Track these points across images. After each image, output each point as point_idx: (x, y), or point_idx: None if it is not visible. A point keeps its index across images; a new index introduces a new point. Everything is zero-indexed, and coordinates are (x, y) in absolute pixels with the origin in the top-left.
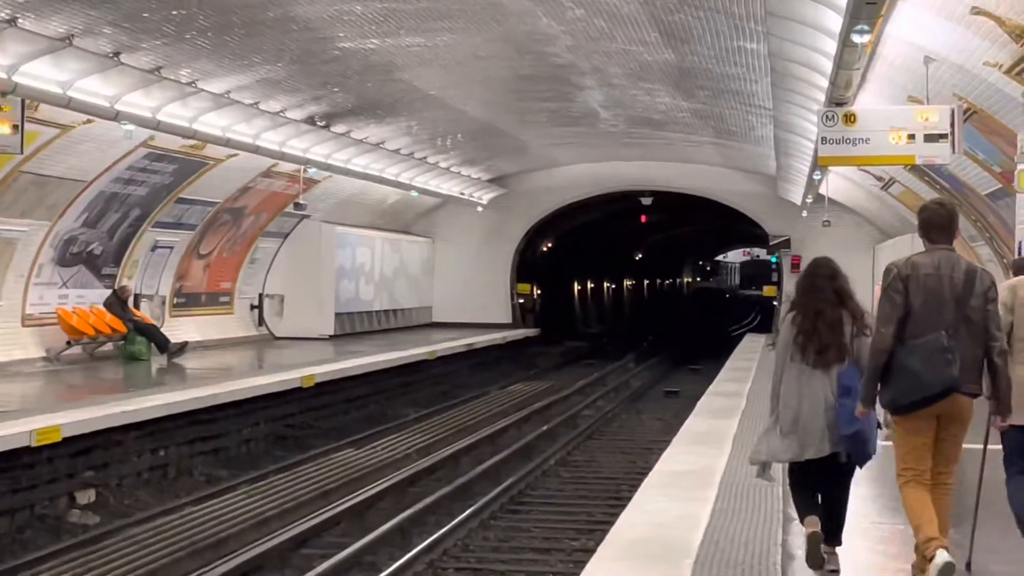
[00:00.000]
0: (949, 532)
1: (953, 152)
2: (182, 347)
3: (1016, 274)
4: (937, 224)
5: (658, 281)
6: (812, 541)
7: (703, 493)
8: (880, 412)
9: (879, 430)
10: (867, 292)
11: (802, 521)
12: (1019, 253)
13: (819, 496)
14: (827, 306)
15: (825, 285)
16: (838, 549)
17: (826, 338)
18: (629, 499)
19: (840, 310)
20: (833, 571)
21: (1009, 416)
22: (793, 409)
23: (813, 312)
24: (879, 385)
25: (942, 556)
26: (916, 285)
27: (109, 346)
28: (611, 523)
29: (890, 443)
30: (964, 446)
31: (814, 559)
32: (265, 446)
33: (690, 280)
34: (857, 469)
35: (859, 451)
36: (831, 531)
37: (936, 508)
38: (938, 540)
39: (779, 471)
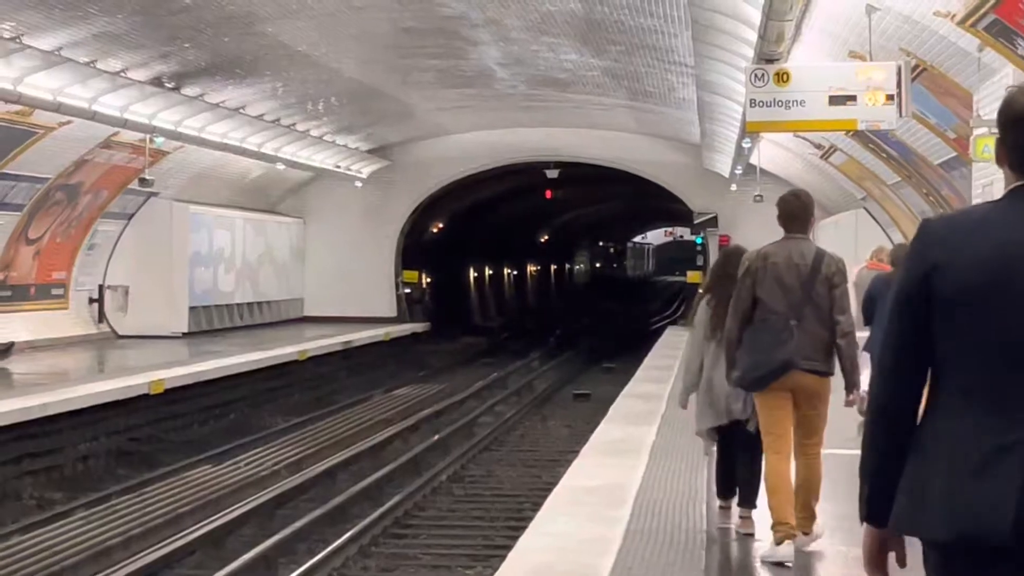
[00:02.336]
0: (819, 502)
1: (900, 115)
2: (7, 348)
3: (893, 265)
4: (792, 214)
5: (567, 267)
6: (724, 524)
7: (615, 512)
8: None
9: None
10: None
11: (718, 496)
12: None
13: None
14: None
15: (736, 272)
16: (753, 513)
17: None
18: (531, 519)
19: None
20: (748, 534)
21: (856, 391)
22: (707, 382)
23: (726, 297)
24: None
25: (786, 550)
26: (764, 274)
27: None
28: (510, 547)
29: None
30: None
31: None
32: (106, 463)
33: (584, 267)
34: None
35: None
36: (747, 496)
37: (807, 476)
38: (787, 527)
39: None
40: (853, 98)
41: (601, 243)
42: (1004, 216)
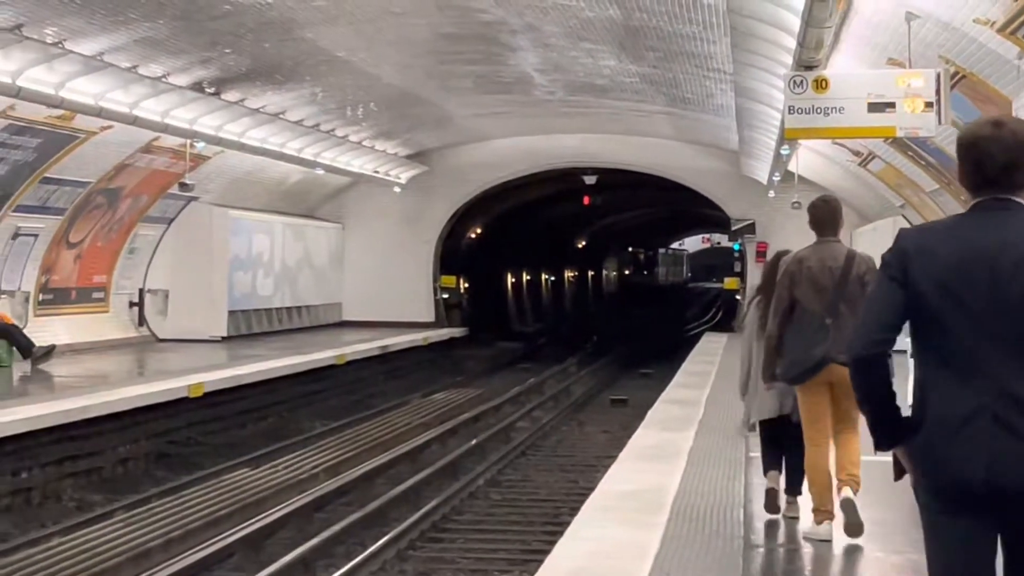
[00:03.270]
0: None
1: (939, 123)
2: (49, 351)
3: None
4: (821, 219)
5: (604, 273)
6: (769, 495)
7: (653, 517)
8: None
9: None
10: None
11: (765, 474)
12: None
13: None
14: None
15: None
16: (798, 499)
17: None
18: (568, 524)
19: None
20: (793, 517)
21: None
22: (757, 379)
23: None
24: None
25: (826, 528)
26: (800, 277)
27: None
28: (547, 552)
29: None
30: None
31: (771, 506)
32: (146, 466)
33: (613, 273)
34: None
35: None
36: (792, 483)
37: (846, 448)
38: (826, 512)
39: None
40: (892, 105)
41: (631, 248)
42: (967, 225)
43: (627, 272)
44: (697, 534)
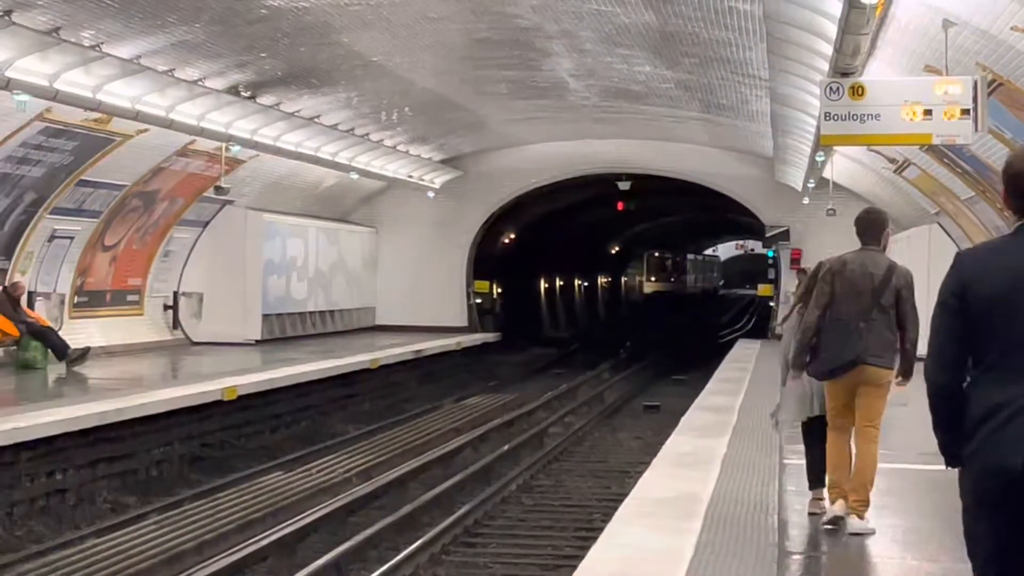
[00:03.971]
0: (876, 481)
1: (976, 130)
2: (84, 353)
3: None
4: (864, 228)
5: (638, 279)
6: (812, 511)
7: (686, 524)
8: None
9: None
10: None
11: (810, 488)
12: None
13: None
14: None
15: None
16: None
17: None
18: (601, 530)
19: None
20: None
21: (907, 382)
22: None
23: None
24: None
25: (839, 506)
26: (841, 278)
27: None
28: (580, 558)
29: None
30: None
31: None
32: (180, 468)
33: (635, 281)
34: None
35: None
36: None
37: (863, 461)
38: (840, 490)
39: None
40: (929, 112)
41: (657, 254)
42: (1012, 247)
43: (652, 279)
44: (731, 541)
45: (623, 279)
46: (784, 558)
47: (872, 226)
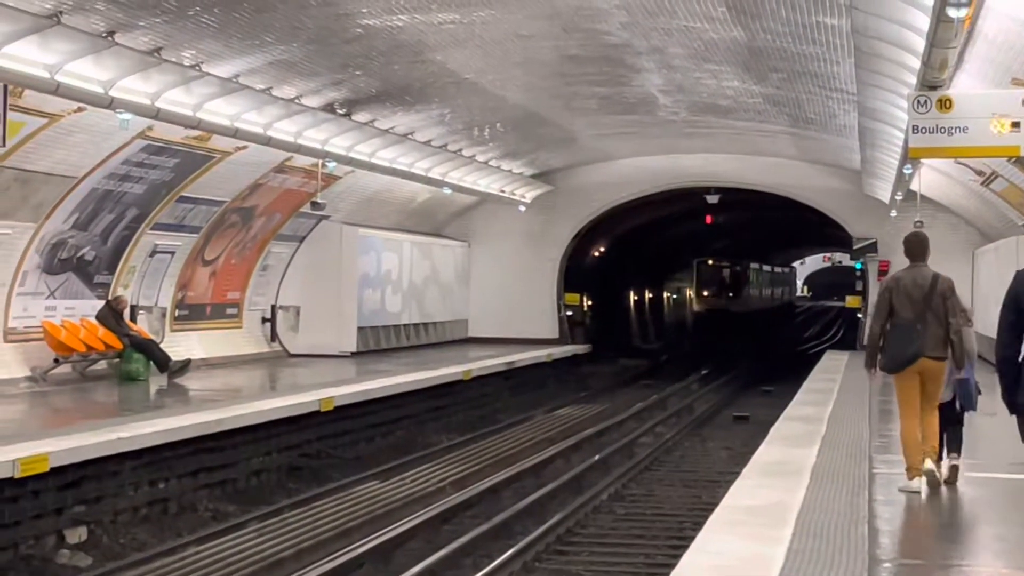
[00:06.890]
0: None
1: None
2: (185, 365)
3: None
4: (911, 249)
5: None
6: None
7: (777, 532)
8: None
9: (979, 395)
10: (964, 302)
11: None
12: None
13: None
14: None
15: None
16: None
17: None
18: (692, 538)
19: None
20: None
21: (962, 370)
22: None
23: None
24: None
25: (916, 483)
26: (897, 292)
27: (102, 364)
28: (672, 566)
29: None
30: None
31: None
32: (278, 478)
33: (675, 294)
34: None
35: (968, 401)
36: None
37: (928, 424)
38: (916, 470)
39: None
40: (1016, 125)
41: (710, 262)
42: None
43: (705, 294)
44: (822, 549)
45: None
46: (875, 566)
47: (918, 246)
